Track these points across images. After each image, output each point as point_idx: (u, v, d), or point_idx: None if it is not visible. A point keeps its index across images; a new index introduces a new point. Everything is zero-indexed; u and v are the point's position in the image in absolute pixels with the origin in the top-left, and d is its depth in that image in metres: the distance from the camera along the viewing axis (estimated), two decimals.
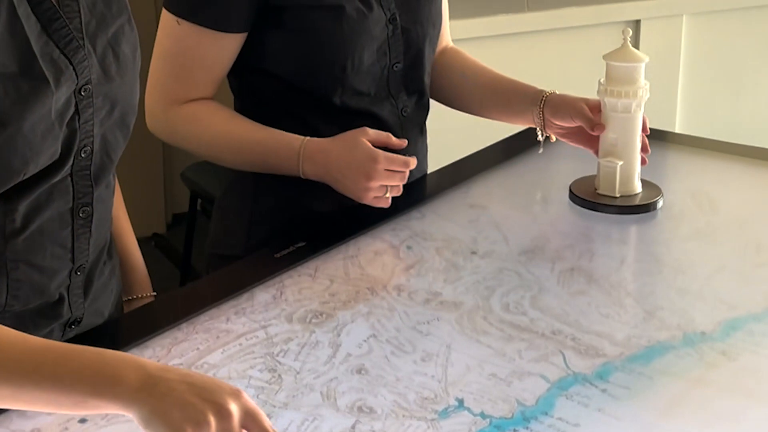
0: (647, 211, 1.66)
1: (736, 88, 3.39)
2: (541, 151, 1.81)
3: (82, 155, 1.25)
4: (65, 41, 1.20)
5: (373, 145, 1.53)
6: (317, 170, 1.56)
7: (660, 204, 1.67)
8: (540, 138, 1.77)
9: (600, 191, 1.68)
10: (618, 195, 1.66)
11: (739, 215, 1.68)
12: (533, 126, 1.77)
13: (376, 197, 1.54)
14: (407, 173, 1.52)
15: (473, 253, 1.55)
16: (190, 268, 3.00)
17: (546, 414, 1.17)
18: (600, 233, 1.62)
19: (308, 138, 1.57)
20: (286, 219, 1.65)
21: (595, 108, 1.68)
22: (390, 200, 1.55)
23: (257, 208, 1.69)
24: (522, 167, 1.88)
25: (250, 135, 1.60)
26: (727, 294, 1.42)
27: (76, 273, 1.31)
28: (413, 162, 1.52)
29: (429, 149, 1.86)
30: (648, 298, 1.43)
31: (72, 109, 1.22)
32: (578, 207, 1.69)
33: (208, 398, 0.99)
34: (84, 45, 1.22)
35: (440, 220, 1.66)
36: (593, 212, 1.67)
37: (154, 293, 1.54)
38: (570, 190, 1.71)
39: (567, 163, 1.95)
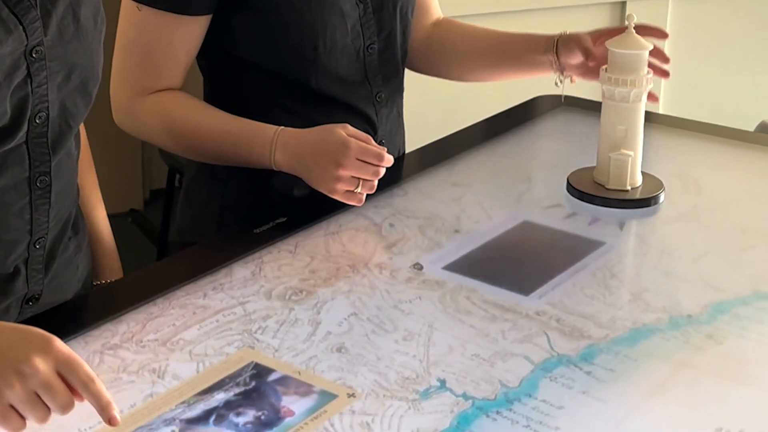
0: (657, 203, 1.61)
1: (722, 70, 3.38)
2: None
3: (37, 121, 1.21)
4: (15, 0, 1.16)
5: None
6: (289, 159, 1.49)
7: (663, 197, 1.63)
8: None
9: (610, 186, 1.61)
10: (629, 188, 1.61)
11: (725, 198, 1.66)
12: (551, 73, 1.72)
13: (347, 191, 1.45)
14: (381, 171, 1.44)
15: (456, 231, 1.53)
16: (166, 244, 2.96)
17: (530, 396, 1.15)
18: (584, 213, 1.59)
19: (282, 127, 1.51)
20: (259, 205, 1.58)
21: (600, 36, 1.63)
22: (363, 198, 1.46)
23: (228, 194, 1.62)
24: (506, 146, 1.86)
25: (220, 126, 1.53)
26: (714, 277, 1.40)
27: (35, 246, 1.27)
28: (389, 160, 1.44)
29: (406, 132, 1.82)
30: (633, 279, 1.41)
31: (22, 71, 1.18)
32: (558, 184, 1.66)
33: (11, 357, 0.95)
34: (36, 5, 1.19)
35: (423, 198, 1.64)
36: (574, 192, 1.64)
37: None
38: (572, 187, 1.63)
39: (550, 142, 1.93)
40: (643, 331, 1.27)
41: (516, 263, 1.44)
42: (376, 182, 1.45)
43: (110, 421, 0.97)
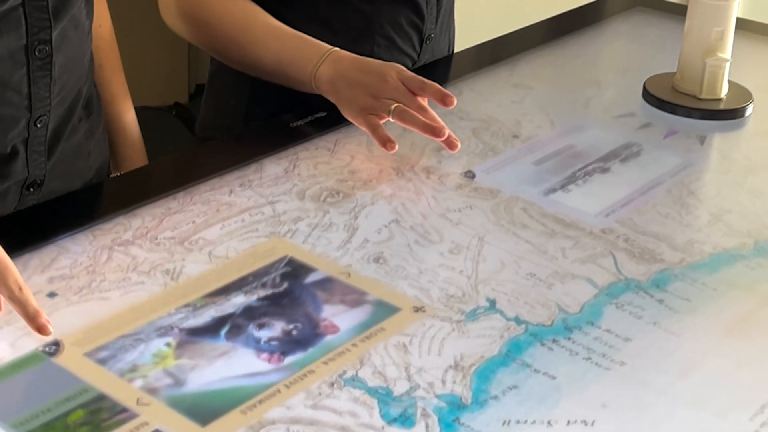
0: (744, 116, 1.45)
1: None
2: None
3: None
4: None
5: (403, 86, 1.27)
6: (330, 72, 1.31)
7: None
8: None
9: (703, 95, 1.45)
10: (722, 97, 1.45)
11: None
12: None
13: (373, 122, 1.26)
14: (421, 103, 1.25)
15: (515, 137, 1.37)
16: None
17: (592, 324, 1.00)
18: (660, 124, 1.43)
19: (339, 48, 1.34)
20: (292, 98, 1.42)
21: None
22: (396, 147, 1.24)
23: (258, 84, 1.46)
24: (573, 47, 1.69)
25: (271, 31, 1.37)
26: None
27: (36, 125, 1.14)
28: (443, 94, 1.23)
29: (459, 33, 1.66)
30: (714, 199, 1.25)
31: None
32: (632, 90, 1.49)
33: None
34: None
35: (479, 99, 1.48)
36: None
37: None
38: (649, 94, 1.48)
39: (623, 45, 1.77)
40: (724, 257, 1.12)
41: (580, 175, 1.29)
42: (415, 114, 1.24)
43: (40, 329, 0.87)
